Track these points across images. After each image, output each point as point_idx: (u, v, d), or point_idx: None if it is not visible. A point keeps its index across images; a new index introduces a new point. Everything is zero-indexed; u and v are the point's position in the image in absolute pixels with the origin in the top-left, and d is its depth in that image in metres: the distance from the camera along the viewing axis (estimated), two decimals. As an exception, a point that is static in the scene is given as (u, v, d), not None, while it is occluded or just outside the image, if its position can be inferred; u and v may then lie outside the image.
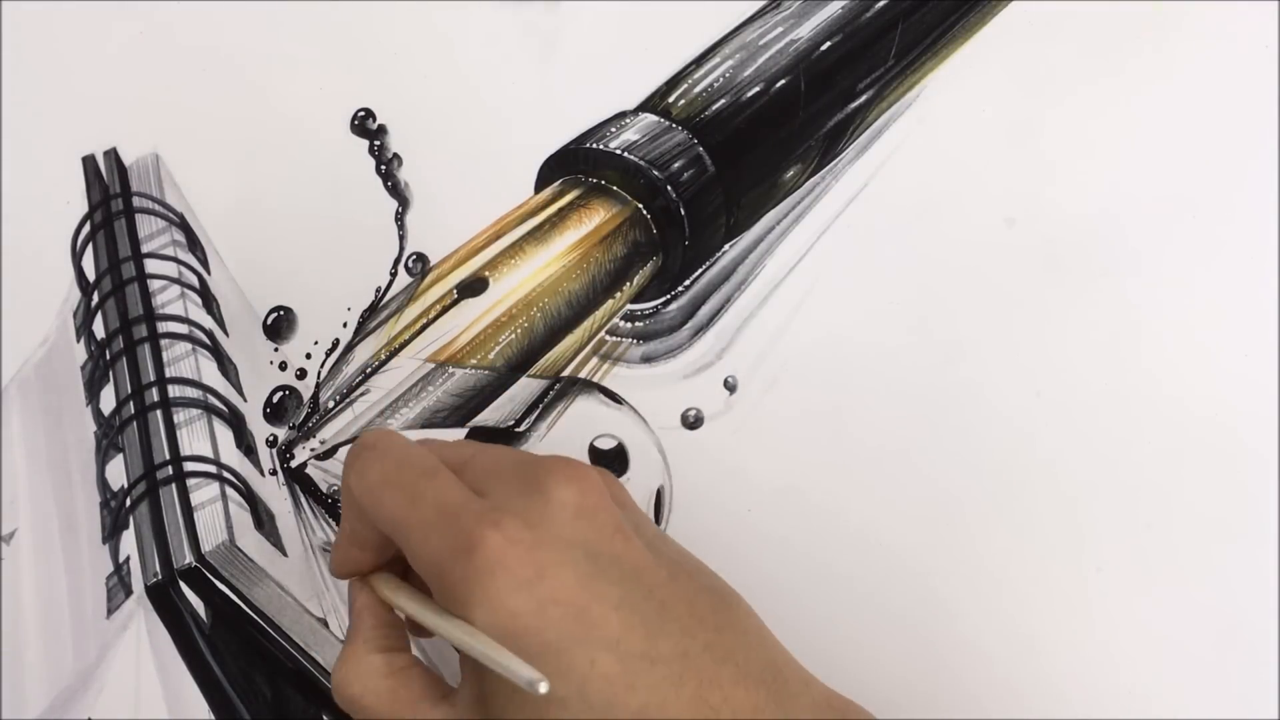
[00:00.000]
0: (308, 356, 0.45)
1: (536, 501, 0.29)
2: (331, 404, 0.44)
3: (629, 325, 0.44)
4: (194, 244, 0.47)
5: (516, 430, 0.42)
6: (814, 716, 0.30)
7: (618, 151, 0.43)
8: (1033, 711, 0.36)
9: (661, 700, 0.28)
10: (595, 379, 0.43)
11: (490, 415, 0.43)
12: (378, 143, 0.48)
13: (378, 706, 0.31)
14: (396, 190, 0.47)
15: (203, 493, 0.42)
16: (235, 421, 0.44)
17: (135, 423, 0.44)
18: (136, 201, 0.48)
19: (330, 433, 0.43)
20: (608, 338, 0.44)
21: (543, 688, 0.26)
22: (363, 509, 0.31)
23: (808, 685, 0.31)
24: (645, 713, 0.28)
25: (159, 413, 0.44)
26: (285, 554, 0.42)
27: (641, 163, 0.42)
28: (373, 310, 0.45)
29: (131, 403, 0.44)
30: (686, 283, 0.44)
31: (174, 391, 0.44)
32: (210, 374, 0.44)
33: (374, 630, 0.33)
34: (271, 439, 0.44)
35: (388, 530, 0.31)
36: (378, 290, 0.45)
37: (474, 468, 0.31)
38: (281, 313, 0.45)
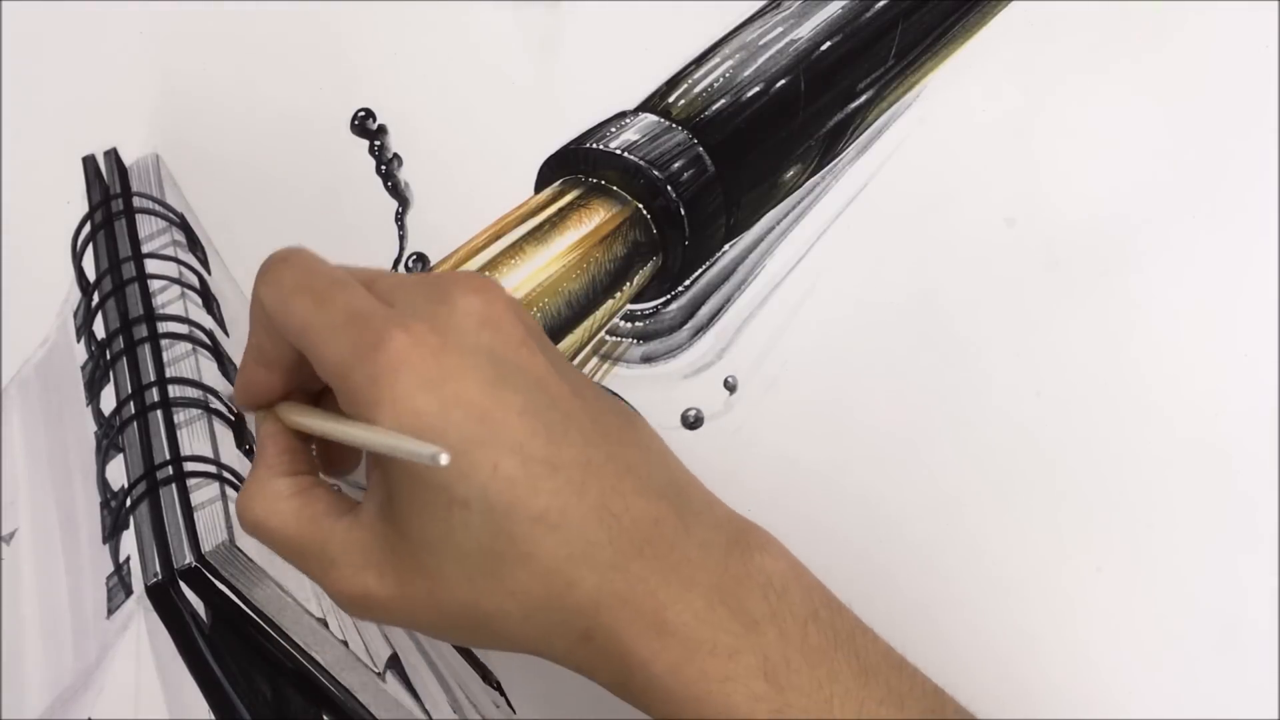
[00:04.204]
0: (308, 356, 0.45)
1: (442, 309, 0.29)
2: (331, 404, 0.44)
3: (629, 325, 0.44)
4: (194, 244, 0.47)
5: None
6: (715, 532, 0.30)
7: (618, 151, 0.43)
8: (1032, 711, 0.36)
9: (563, 505, 0.28)
10: (595, 379, 0.43)
11: (490, 415, 0.43)
12: (378, 143, 0.48)
13: (282, 527, 0.31)
14: (396, 190, 0.47)
15: (203, 493, 0.42)
16: (235, 422, 0.44)
17: (135, 423, 0.44)
18: (136, 201, 0.48)
19: (330, 433, 0.43)
20: (608, 338, 0.44)
21: (444, 459, 0.26)
22: (272, 318, 0.31)
23: (710, 505, 0.31)
24: (546, 516, 0.28)
25: (159, 413, 0.44)
26: (285, 554, 0.42)
27: (641, 163, 0.42)
28: (373, 310, 0.45)
29: (132, 403, 0.44)
30: (686, 283, 0.44)
31: (174, 391, 0.44)
32: (210, 374, 0.44)
33: (278, 456, 0.32)
34: (271, 439, 0.44)
35: (295, 338, 0.30)
36: (378, 290, 0.45)
37: (382, 284, 0.31)
38: (281, 313, 0.45)
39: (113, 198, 0.48)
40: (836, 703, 0.28)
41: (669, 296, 0.44)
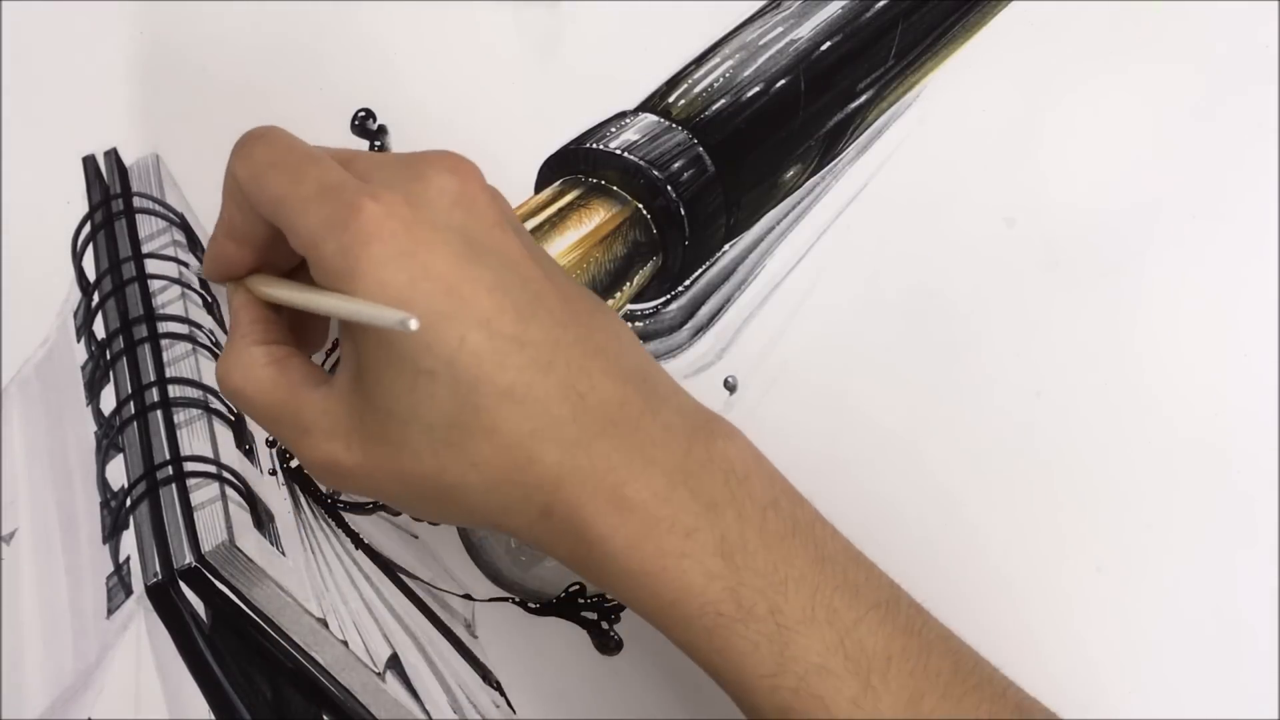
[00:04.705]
0: (308, 356, 0.45)
1: (417, 185, 0.30)
2: (331, 404, 0.44)
3: (629, 325, 0.44)
4: (194, 244, 0.47)
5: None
6: (679, 417, 0.30)
7: (618, 151, 0.43)
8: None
9: (529, 381, 0.28)
10: (595, 379, 0.43)
11: (490, 415, 0.43)
12: (378, 143, 0.48)
13: (259, 393, 0.32)
14: (396, 190, 0.47)
15: (203, 493, 0.42)
16: (235, 422, 0.44)
17: (135, 423, 0.44)
18: (137, 201, 0.48)
19: (330, 433, 0.43)
20: (608, 338, 0.44)
21: (413, 324, 0.26)
22: (246, 192, 0.31)
23: (676, 393, 0.32)
24: (512, 391, 0.28)
25: (159, 413, 0.44)
26: (285, 554, 0.42)
27: (641, 163, 0.42)
28: (373, 310, 0.45)
29: (132, 403, 0.44)
30: (686, 283, 0.44)
31: (174, 391, 0.44)
32: (210, 374, 0.44)
33: (252, 325, 0.33)
34: (271, 439, 0.44)
35: (269, 212, 0.31)
36: (378, 290, 0.45)
37: (359, 162, 0.32)
38: (281, 313, 0.45)
39: (113, 198, 0.48)
40: (791, 586, 0.28)
41: (669, 296, 0.44)
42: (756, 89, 0.44)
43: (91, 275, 0.47)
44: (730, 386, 0.42)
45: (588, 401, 0.29)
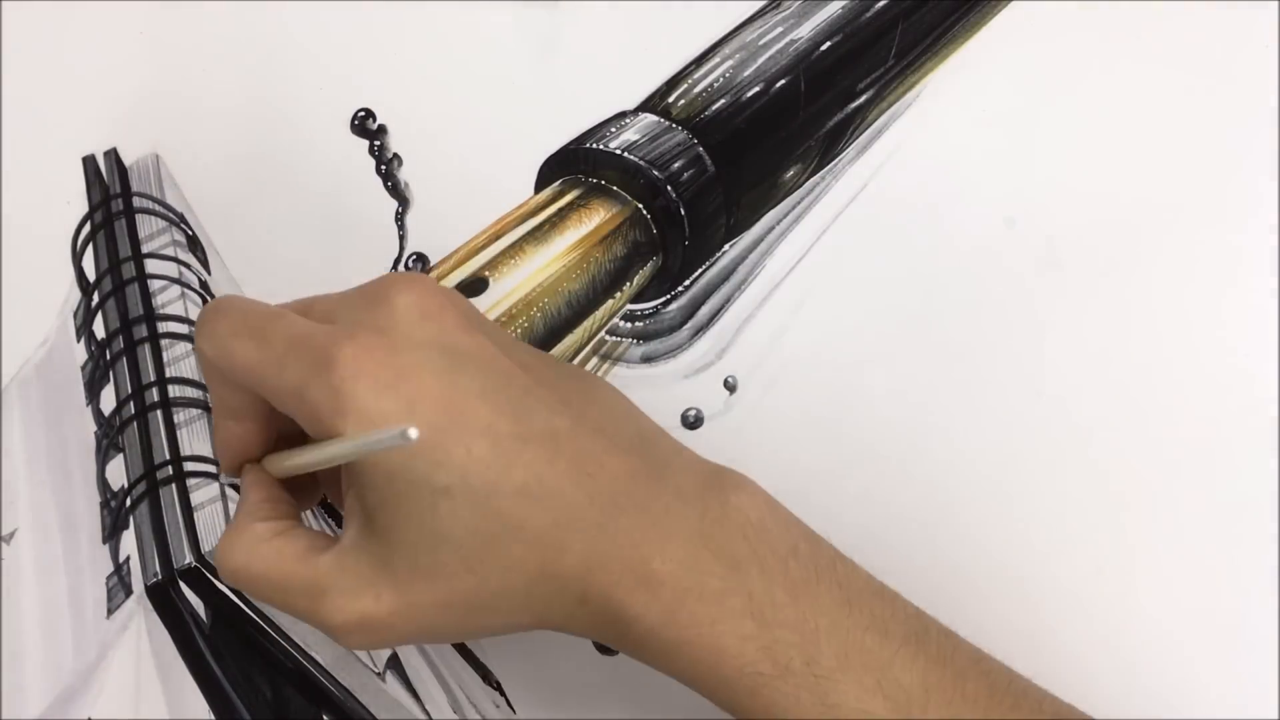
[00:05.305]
0: (308, 356, 0.45)
1: (382, 311, 0.30)
2: (331, 404, 0.44)
3: (629, 325, 0.44)
4: (194, 244, 0.47)
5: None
6: (688, 477, 0.31)
7: (618, 151, 0.43)
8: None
9: (540, 475, 0.29)
10: (595, 379, 0.43)
11: (490, 415, 0.43)
12: (378, 143, 0.48)
13: (265, 570, 0.31)
14: (396, 190, 0.47)
15: (203, 493, 0.42)
16: (235, 421, 0.44)
17: (135, 423, 0.44)
18: (136, 201, 0.48)
19: (330, 433, 0.43)
20: (608, 338, 0.44)
21: (413, 433, 0.26)
22: (219, 369, 0.31)
23: (678, 453, 0.32)
24: (527, 489, 0.28)
25: (159, 413, 0.44)
26: (285, 554, 0.42)
27: (641, 163, 0.42)
28: (373, 310, 0.45)
29: (132, 403, 0.44)
30: (686, 283, 0.44)
31: (174, 391, 0.44)
32: (210, 374, 0.44)
33: (258, 504, 0.32)
34: (271, 439, 0.44)
35: (247, 381, 0.31)
36: (378, 290, 0.45)
37: (319, 306, 0.32)
38: (281, 313, 0.45)
39: (113, 198, 0.48)
40: (823, 635, 0.29)
41: (669, 296, 0.44)
42: (756, 89, 0.44)
43: (91, 275, 0.47)
44: (730, 386, 0.42)
45: (599, 481, 0.29)
